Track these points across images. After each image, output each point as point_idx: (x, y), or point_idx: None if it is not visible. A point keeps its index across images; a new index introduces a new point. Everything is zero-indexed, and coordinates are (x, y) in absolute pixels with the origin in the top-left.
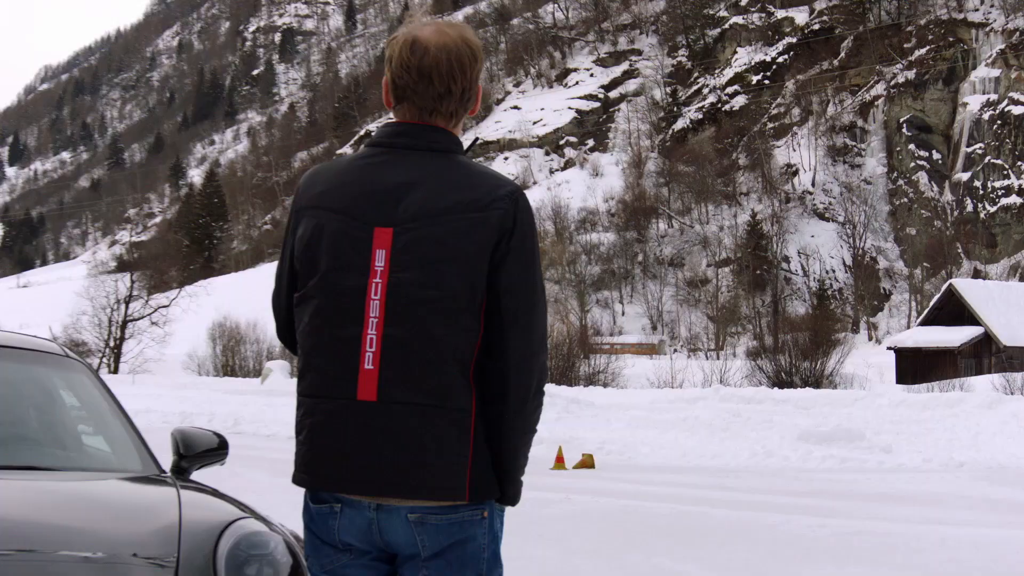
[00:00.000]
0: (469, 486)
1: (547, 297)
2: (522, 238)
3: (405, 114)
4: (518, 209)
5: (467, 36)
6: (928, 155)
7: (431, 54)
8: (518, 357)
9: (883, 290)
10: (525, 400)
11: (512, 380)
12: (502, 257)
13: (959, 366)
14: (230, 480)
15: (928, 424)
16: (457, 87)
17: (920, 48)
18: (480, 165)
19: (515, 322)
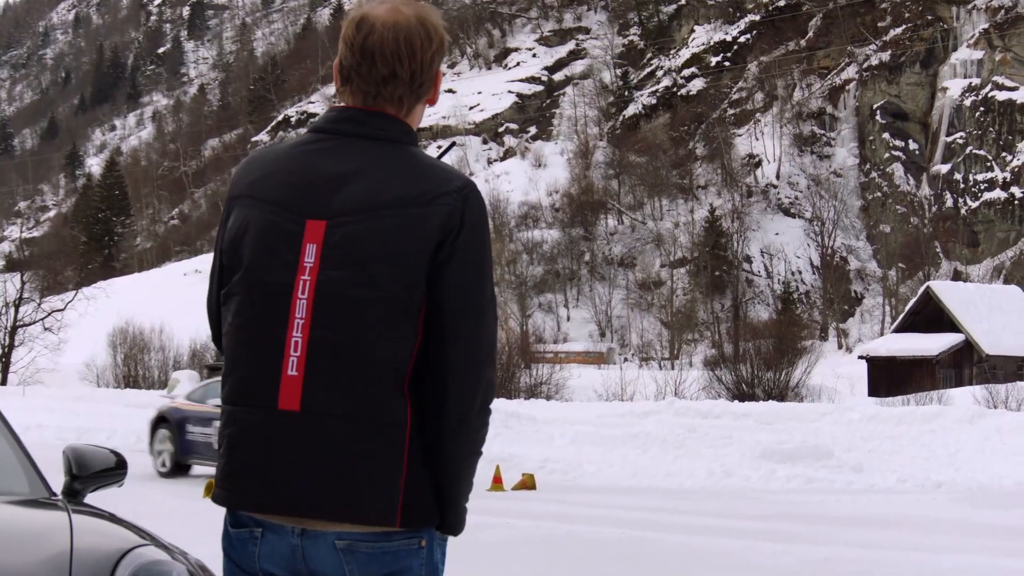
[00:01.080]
0: (401, 510)
1: None
2: (469, 239)
3: (350, 98)
4: (467, 207)
5: (424, 15)
6: (904, 145)
7: (376, 33)
8: (459, 370)
9: (854, 293)
10: (466, 419)
11: (452, 395)
12: (446, 258)
13: (937, 377)
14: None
15: (903, 441)
16: (404, 70)
17: (896, 27)
18: (431, 158)
19: (457, 331)
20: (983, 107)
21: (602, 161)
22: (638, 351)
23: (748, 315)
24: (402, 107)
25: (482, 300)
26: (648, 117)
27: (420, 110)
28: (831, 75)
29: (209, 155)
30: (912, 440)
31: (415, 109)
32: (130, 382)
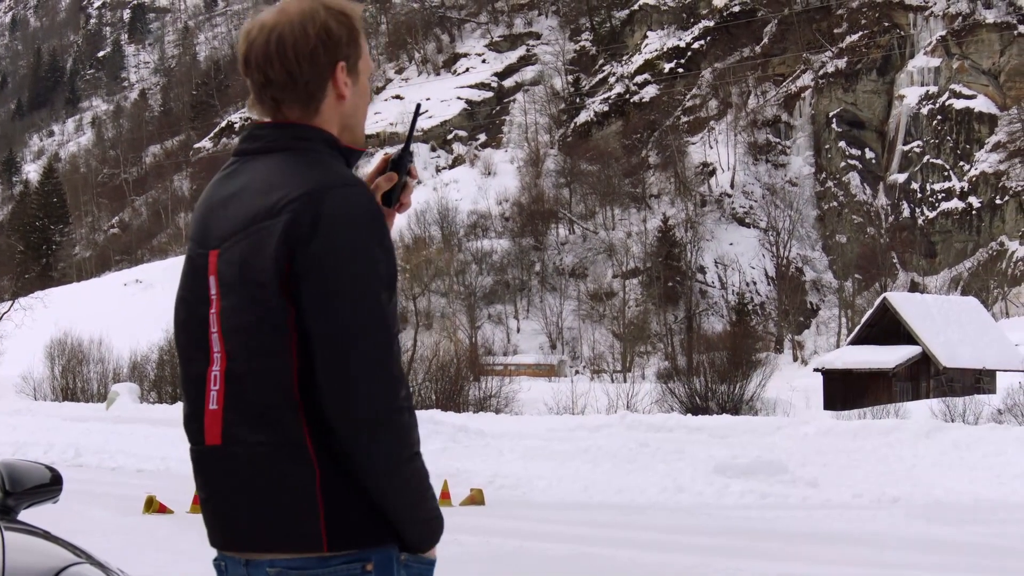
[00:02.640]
0: (326, 532)
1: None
2: (325, 247)
3: (255, 112)
4: (320, 212)
5: (310, 10)
6: (860, 154)
7: (251, 39)
8: (332, 390)
9: (810, 305)
10: (355, 437)
11: (332, 415)
12: (302, 272)
13: (894, 390)
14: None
15: (859, 455)
16: (276, 72)
17: (852, 34)
18: (319, 160)
19: (323, 349)
20: (940, 115)
21: (553, 169)
22: (589, 363)
23: (702, 327)
24: (293, 111)
25: (351, 315)
26: (600, 124)
27: (329, 109)
28: (786, 82)
29: (150, 162)
30: (868, 454)
31: (319, 110)
32: (68, 395)
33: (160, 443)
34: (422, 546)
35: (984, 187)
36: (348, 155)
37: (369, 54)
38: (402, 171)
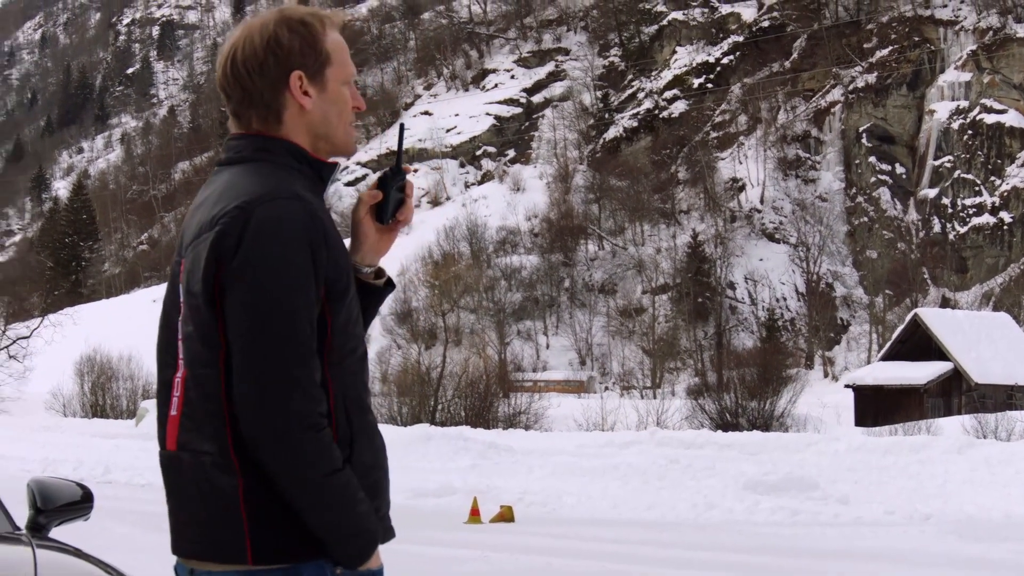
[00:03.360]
0: (250, 545)
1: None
2: (246, 260)
3: (231, 126)
4: (246, 226)
5: (260, 21)
6: (891, 169)
7: (220, 56)
8: (243, 403)
9: (840, 320)
10: (266, 451)
11: (244, 428)
12: (227, 284)
13: (925, 406)
14: (97, 537)
15: (890, 472)
16: (231, 87)
17: (882, 49)
18: (271, 172)
19: (236, 360)
20: (971, 130)
21: (582, 185)
22: (619, 380)
23: (732, 343)
24: (252, 123)
25: (261, 330)
26: (629, 140)
27: (293, 120)
28: (816, 97)
29: (179, 178)
30: (900, 471)
31: (282, 121)
32: (98, 411)
33: None
34: (349, 563)
35: (1015, 202)
36: (318, 166)
37: (346, 60)
38: (388, 189)
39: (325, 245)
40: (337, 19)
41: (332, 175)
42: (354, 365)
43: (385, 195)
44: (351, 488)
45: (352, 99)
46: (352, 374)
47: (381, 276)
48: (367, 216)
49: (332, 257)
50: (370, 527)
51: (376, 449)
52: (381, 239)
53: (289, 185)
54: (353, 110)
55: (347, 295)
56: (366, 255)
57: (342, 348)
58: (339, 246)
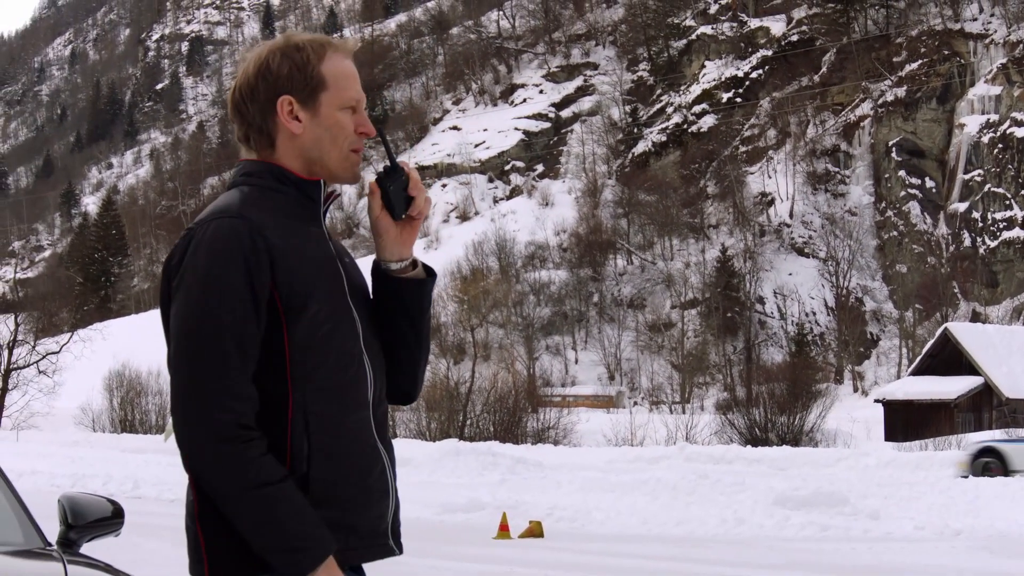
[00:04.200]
0: (207, 560)
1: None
2: (180, 278)
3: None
4: (189, 245)
5: (259, 49)
6: (920, 183)
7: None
8: (172, 417)
9: (870, 335)
10: (187, 465)
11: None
12: (172, 301)
13: (956, 421)
14: (127, 552)
15: (921, 487)
16: (233, 113)
17: (911, 62)
18: (241, 196)
19: (170, 376)
20: (1001, 144)
21: (611, 200)
22: (648, 395)
23: (761, 357)
24: (252, 148)
25: (181, 344)
26: (658, 155)
27: (284, 144)
28: (845, 111)
29: (208, 194)
30: (930, 486)
31: (275, 146)
32: (127, 426)
33: None
34: (286, 570)
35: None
36: (301, 185)
37: (347, 85)
38: (384, 187)
39: (269, 263)
40: (344, 45)
41: (320, 193)
42: (326, 381)
43: (384, 193)
44: (283, 502)
45: (359, 125)
46: (322, 390)
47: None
48: (382, 213)
49: (282, 275)
50: (308, 544)
51: (342, 466)
52: (402, 233)
53: (243, 205)
54: (359, 136)
55: (305, 312)
56: (390, 250)
57: (305, 364)
58: (296, 265)
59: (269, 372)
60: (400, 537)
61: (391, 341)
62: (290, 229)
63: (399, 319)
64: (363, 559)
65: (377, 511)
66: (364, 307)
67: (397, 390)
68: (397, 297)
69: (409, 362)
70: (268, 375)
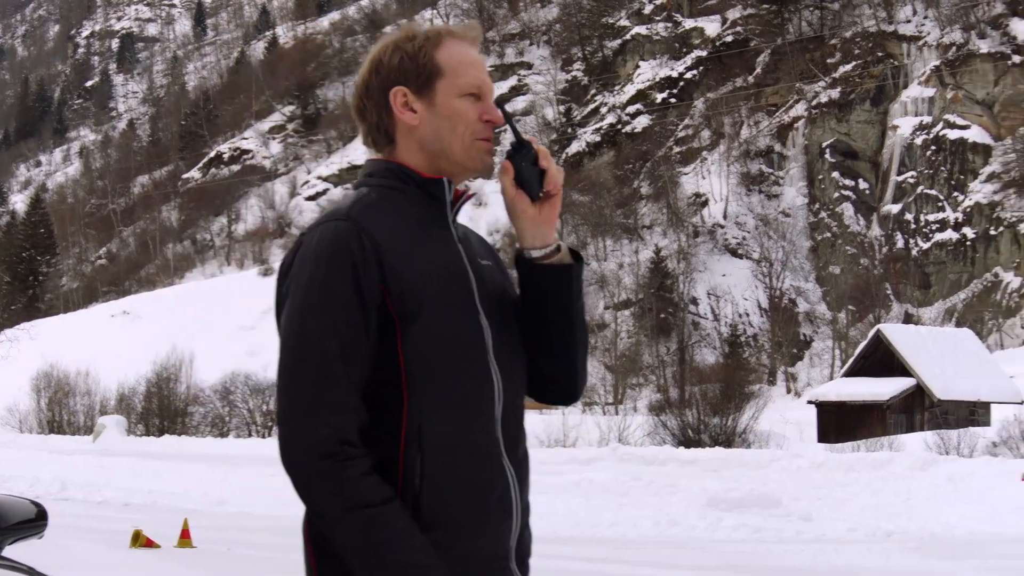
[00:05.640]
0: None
1: None
2: (288, 285)
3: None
4: (298, 247)
5: (374, 47)
6: (854, 184)
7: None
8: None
9: (803, 336)
10: (291, 481)
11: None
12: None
13: (888, 422)
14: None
15: (853, 488)
16: (354, 113)
17: (845, 64)
18: (355, 197)
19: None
20: (934, 146)
21: None
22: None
23: (694, 359)
24: (376, 146)
25: (286, 348)
26: (592, 155)
27: (404, 139)
28: (779, 112)
29: (138, 192)
30: (862, 487)
31: (395, 142)
32: (55, 428)
33: (147, 476)
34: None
35: (978, 218)
36: (427, 185)
37: (467, 71)
38: (516, 164)
39: (379, 267)
40: (465, 32)
41: (445, 192)
42: (444, 393)
43: (517, 171)
44: (385, 526)
45: (483, 112)
46: (439, 403)
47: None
48: (518, 194)
49: (393, 279)
50: (408, 571)
51: (459, 485)
52: (540, 214)
53: (353, 207)
54: (485, 124)
55: (420, 318)
56: (531, 234)
57: (421, 374)
58: (410, 268)
59: (383, 382)
60: (527, 560)
61: (543, 336)
62: (408, 231)
63: (550, 310)
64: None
65: (497, 534)
66: (499, 314)
67: (556, 389)
68: (545, 287)
69: (565, 357)
70: (382, 385)
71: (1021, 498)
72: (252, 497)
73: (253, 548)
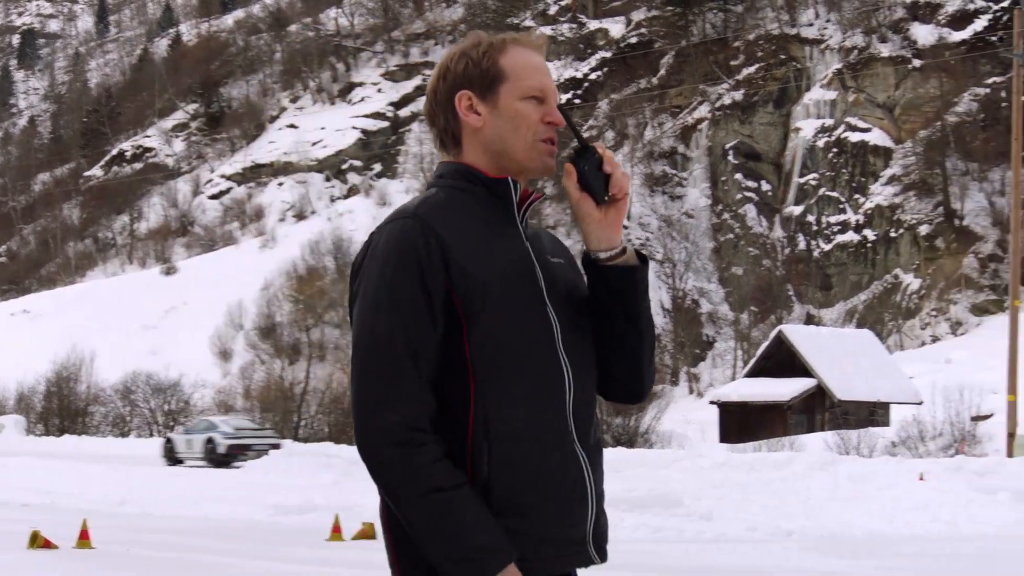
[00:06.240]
0: (398, 563)
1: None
2: (358, 282)
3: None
4: (368, 246)
5: (443, 53)
6: (757, 186)
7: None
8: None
9: (706, 337)
10: (367, 468)
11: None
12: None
13: (789, 422)
14: None
15: (754, 488)
16: (427, 119)
17: (748, 66)
18: (423, 197)
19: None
20: (836, 148)
21: None
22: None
23: None
24: (446, 148)
25: (357, 344)
26: None
27: (470, 141)
28: (683, 114)
29: (39, 190)
30: (763, 487)
31: (461, 145)
32: None
33: (47, 476)
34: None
35: (879, 220)
36: (493, 185)
37: (528, 75)
38: (580, 165)
39: (443, 264)
40: (529, 40)
41: (511, 192)
42: (512, 385)
43: (581, 175)
44: (455, 510)
45: (546, 115)
46: (507, 394)
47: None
48: (583, 197)
49: (458, 276)
50: (480, 555)
51: (528, 472)
52: (607, 216)
53: (420, 205)
54: (547, 125)
55: (486, 313)
56: (596, 236)
57: (488, 367)
58: (476, 265)
59: (451, 375)
60: (605, 545)
61: (609, 335)
62: (475, 230)
63: (615, 310)
64: (558, 569)
65: (571, 518)
66: (568, 308)
67: (622, 388)
68: (611, 288)
69: (631, 357)
70: (450, 378)
71: (919, 497)
72: (152, 497)
73: (153, 548)
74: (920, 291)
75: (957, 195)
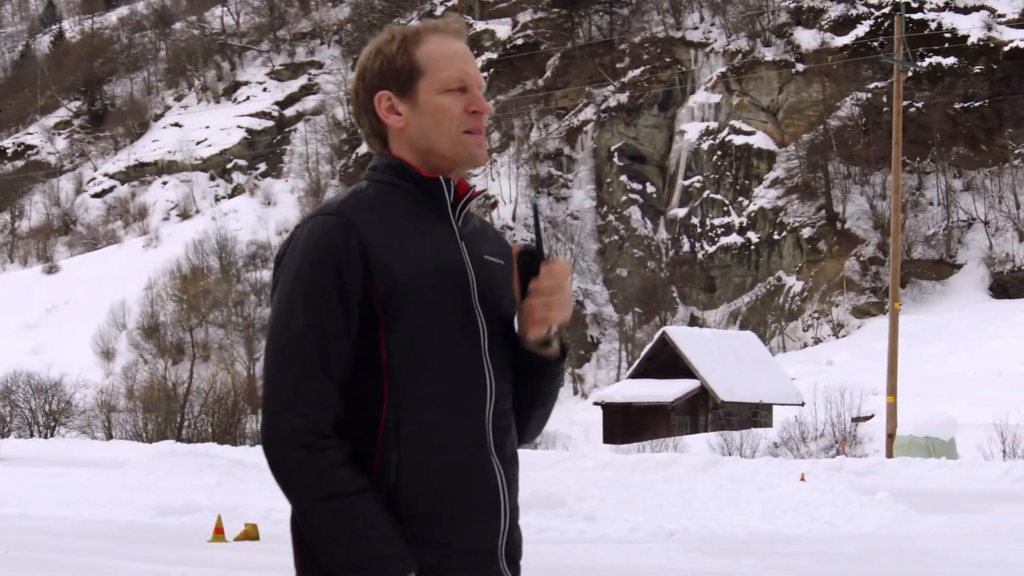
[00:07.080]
0: (300, 568)
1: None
2: (276, 278)
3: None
4: (291, 240)
5: (366, 47)
6: (642, 188)
7: None
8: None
9: (590, 338)
10: (270, 468)
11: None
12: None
13: (672, 423)
14: None
15: (636, 488)
16: (353, 115)
17: (634, 69)
18: (350, 191)
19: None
20: (720, 151)
21: None
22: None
23: None
24: (374, 149)
25: (270, 341)
26: None
27: (395, 139)
28: (569, 116)
29: None
30: (646, 488)
31: (387, 142)
32: None
33: None
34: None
35: (762, 222)
36: (424, 183)
37: (446, 65)
38: (524, 259)
39: (364, 261)
40: (447, 26)
41: (443, 191)
42: (430, 388)
43: (521, 268)
44: (353, 516)
45: (469, 104)
46: (423, 397)
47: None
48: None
49: (379, 274)
50: (375, 563)
51: (438, 479)
52: (531, 314)
53: (345, 202)
54: (472, 115)
55: (407, 314)
56: (522, 326)
57: (406, 369)
58: (398, 264)
59: (365, 375)
60: (519, 560)
61: (517, 384)
62: (401, 228)
63: (523, 376)
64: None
65: (480, 529)
66: (497, 312)
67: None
68: (528, 364)
69: (524, 414)
70: (364, 378)
71: (800, 497)
72: (31, 498)
73: (31, 550)
74: (802, 293)
75: (839, 198)
